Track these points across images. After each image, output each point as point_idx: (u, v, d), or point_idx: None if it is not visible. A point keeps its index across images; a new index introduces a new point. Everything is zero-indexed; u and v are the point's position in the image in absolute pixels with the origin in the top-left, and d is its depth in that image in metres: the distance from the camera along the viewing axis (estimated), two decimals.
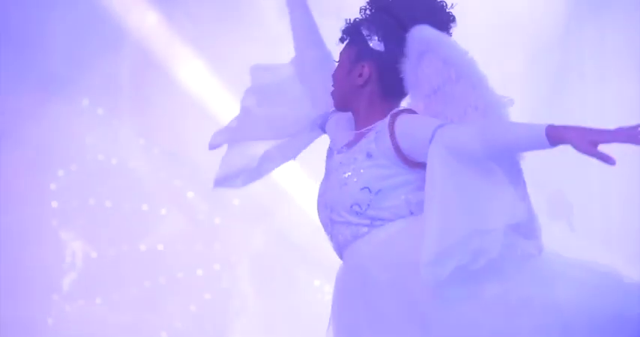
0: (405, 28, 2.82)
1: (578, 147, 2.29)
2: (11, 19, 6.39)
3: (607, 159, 2.26)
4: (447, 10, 2.91)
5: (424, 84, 2.82)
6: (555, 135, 2.40)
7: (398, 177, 2.77)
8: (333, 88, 3.01)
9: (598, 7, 7.17)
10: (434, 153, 2.60)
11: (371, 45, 2.92)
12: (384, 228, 2.76)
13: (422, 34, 2.80)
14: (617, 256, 6.73)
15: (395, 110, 2.89)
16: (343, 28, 2.98)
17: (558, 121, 2.50)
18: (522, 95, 6.92)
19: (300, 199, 6.52)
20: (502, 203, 2.55)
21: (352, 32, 2.96)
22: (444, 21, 2.92)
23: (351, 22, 2.98)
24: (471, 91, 2.69)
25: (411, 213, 2.76)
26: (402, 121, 2.81)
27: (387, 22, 2.90)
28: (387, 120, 2.83)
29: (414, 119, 2.81)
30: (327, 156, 3.01)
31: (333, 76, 3.02)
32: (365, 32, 2.92)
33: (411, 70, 2.84)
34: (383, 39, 2.91)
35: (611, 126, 2.34)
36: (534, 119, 2.93)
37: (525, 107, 6.76)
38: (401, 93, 2.95)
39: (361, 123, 2.93)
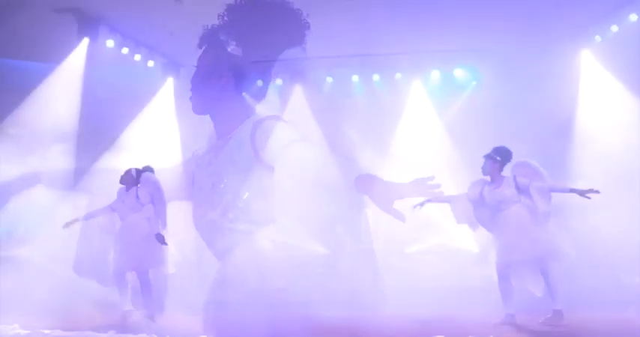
0: (262, 34, 2.71)
1: (378, 205, 2.35)
2: None
3: (400, 218, 2.28)
4: (302, 19, 2.73)
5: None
6: (359, 186, 2.36)
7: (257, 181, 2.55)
8: (191, 93, 2.62)
9: None
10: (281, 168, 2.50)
11: (229, 50, 2.66)
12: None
13: None
14: None
15: (258, 118, 2.61)
16: (202, 35, 2.66)
17: None
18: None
19: None
20: None
21: (210, 38, 2.64)
22: (299, 28, 2.63)
23: (210, 28, 2.64)
24: None
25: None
26: (262, 130, 2.60)
27: (243, 28, 2.68)
28: (249, 128, 2.67)
29: (274, 128, 2.56)
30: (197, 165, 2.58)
31: (193, 81, 2.59)
32: (223, 38, 2.69)
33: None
34: (240, 44, 2.66)
35: None
36: None
37: None
38: (259, 96, 2.69)
39: (222, 128, 2.68)
